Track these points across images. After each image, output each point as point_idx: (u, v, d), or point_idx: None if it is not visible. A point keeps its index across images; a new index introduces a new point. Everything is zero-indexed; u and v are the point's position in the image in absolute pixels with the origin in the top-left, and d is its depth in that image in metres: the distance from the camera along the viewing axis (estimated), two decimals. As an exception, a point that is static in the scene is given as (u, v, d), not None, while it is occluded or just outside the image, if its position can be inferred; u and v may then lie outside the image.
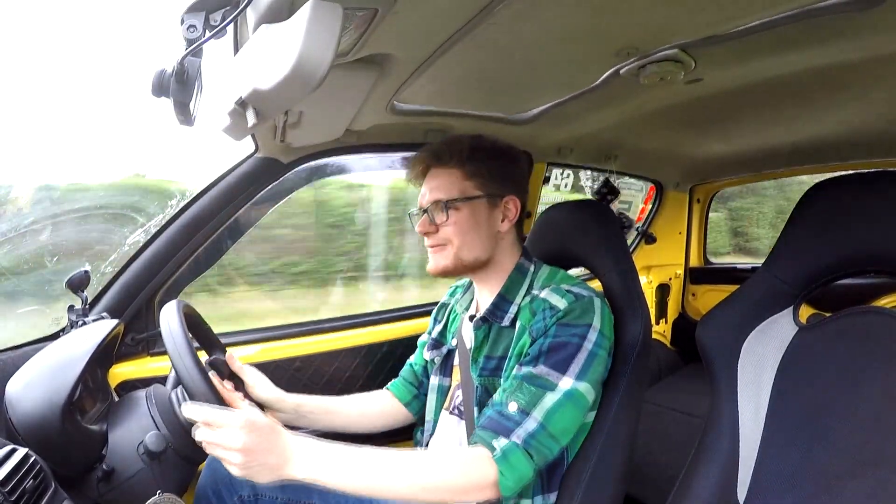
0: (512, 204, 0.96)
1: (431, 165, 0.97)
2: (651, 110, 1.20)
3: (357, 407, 1.12)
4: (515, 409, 0.78)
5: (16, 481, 0.63)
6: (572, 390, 0.79)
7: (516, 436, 0.76)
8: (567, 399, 0.78)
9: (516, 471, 0.75)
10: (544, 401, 0.78)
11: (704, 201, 2.48)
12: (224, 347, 1.07)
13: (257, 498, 0.97)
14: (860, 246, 0.76)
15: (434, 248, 0.96)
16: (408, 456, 0.76)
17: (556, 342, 0.82)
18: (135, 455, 0.80)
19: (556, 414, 0.78)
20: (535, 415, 0.77)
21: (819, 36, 0.80)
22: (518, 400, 0.79)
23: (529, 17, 0.71)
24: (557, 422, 0.78)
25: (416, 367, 1.15)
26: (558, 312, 0.84)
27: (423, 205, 0.96)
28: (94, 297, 1.12)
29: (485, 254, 0.94)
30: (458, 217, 0.92)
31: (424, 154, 0.98)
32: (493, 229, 0.95)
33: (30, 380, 0.79)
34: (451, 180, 0.94)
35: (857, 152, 1.72)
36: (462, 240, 0.93)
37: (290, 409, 1.02)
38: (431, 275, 0.96)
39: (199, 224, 1.15)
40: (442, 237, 0.94)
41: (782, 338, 0.80)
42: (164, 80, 0.61)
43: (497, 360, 0.91)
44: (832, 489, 0.69)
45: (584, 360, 0.81)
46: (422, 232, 0.95)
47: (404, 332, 1.45)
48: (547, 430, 0.77)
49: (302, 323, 1.40)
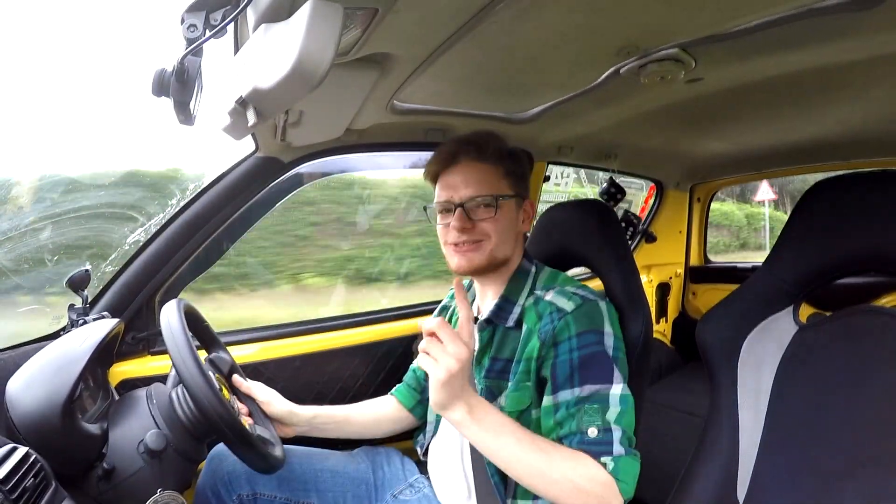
0: (529, 205, 0.97)
1: (465, 157, 0.91)
2: (651, 109, 1.20)
3: (371, 414, 1.13)
4: (597, 432, 0.77)
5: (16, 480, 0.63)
6: (622, 394, 0.79)
7: (616, 446, 0.76)
8: (622, 402, 0.79)
9: (629, 472, 0.75)
10: (609, 412, 0.78)
11: (705, 200, 2.48)
12: (224, 346, 1.08)
13: (256, 497, 0.97)
14: (860, 245, 0.76)
15: (467, 245, 0.91)
16: (545, 446, 0.76)
17: (584, 355, 0.81)
18: (135, 454, 0.80)
19: (624, 417, 0.78)
20: (614, 427, 0.77)
21: (819, 35, 0.80)
22: (593, 423, 0.78)
23: (530, 17, 0.71)
24: (628, 422, 0.78)
25: (419, 372, 1.16)
26: (566, 315, 0.83)
27: (456, 199, 0.90)
28: (95, 296, 1.12)
29: (510, 253, 0.94)
30: (501, 214, 0.90)
31: (458, 143, 0.93)
32: (517, 229, 0.95)
33: (30, 378, 0.79)
34: (491, 176, 0.91)
35: (857, 151, 1.72)
36: (500, 237, 0.90)
37: (304, 422, 1.03)
38: (459, 273, 0.92)
39: (200, 223, 1.15)
40: (479, 233, 0.90)
41: (782, 337, 0.81)
42: (164, 80, 0.61)
43: (504, 361, 0.91)
44: (832, 488, 0.69)
45: (615, 365, 0.81)
46: (458, 228, 0.89)
47: (404, 332, 1.45)
48: (626, 432, 0.78)
49: (302, 322, 1.40)
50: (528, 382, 0.86)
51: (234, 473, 0.97)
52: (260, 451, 0.84)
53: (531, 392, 0.86)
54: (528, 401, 0.86)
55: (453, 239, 0.91)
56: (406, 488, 1.01)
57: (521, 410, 0.86)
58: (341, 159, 1.32)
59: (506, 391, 0.88)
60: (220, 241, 1.24)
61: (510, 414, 0.87)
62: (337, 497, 1.01)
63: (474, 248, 0.91)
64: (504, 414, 0.78)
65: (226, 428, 0.81)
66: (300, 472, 1.01)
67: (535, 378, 0.85)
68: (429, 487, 0.99)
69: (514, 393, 0.87)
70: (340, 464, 1.06)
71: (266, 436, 0.95)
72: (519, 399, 0.87)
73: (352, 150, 1.29)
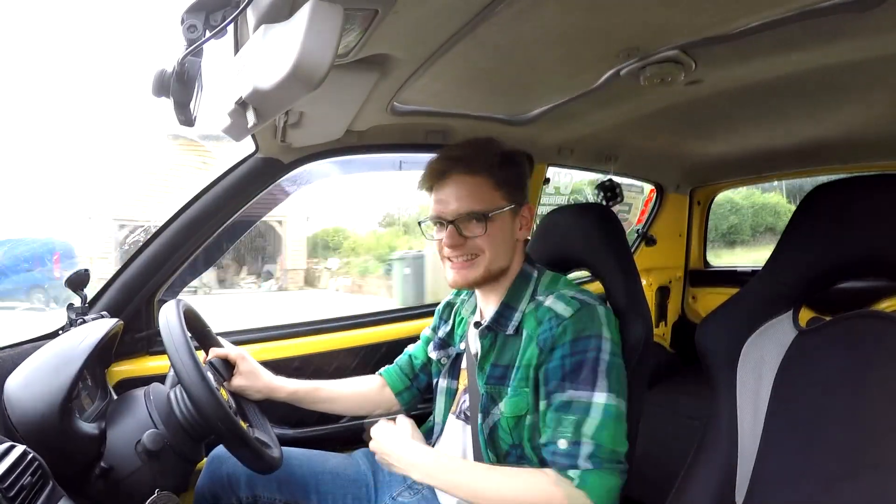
0: (527, 211, 0.95)
1: (455, 171, 0.89)
2: (651, 112, 1.20)
3: (350, 390, 1.13)
4: (566, 444, 0.79)
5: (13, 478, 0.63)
6: (606, 404, 0.79)
7: (582, 460, 0.77)
8: (603, 413, 0.79)
9: (601, 487, 0.77)
10: (586, 424, 0.78)
11: (705, 204, 2.47)
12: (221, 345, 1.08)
13: (256, 499, 0.97)
14: (860, 249, 0.75)
15: (461, 262, 0.90)
16: (497, 472, 0.84)
17: (575, 361, 0.81)
18: (133, 453, 0.80)
19: (603, 432, 0.78)
20: (584, 441, 0.78)
21: (819, 37, 0.80)
22: (564, 436, 0.79)
23: (530, 18, 0.71)
24: (607, 437, 0.78)
25: (416, 361, 1.15)
26: (564, 321, 0.83)
27: (447, 215, 0.89)
28: (94, 296, 1.12)
29: (507, 263, 0.93)
30: (493, 229, 0.88)
31: (447, 159, 0.91)
32: (514, 238, 0.94)
33: (28, 377, 0.79)
34: (482, 190, 0.88)
35: (858, 154, 1.72)
36: (494, 252, 0.89)
37: (270, 388, 1.06)
38: (456, 288, 0.94)
39: (200, 223, 1.15)
40: (471, 249, 0.89)
41: (782, 341, 0.80)
42: (164, 80, 0.61)
43: (503, 368, 0.91)
44: (831, 492, 0.69)
45: (605, 370, 0.81)
46: (450, 245, 0.89)
47: (404, 333, 1.44)
48: (603, 447, 0.78)
49: (302, 323, 1.40)
50: (527, 388, 0.86)
51: (234, 475, 0.97)
52: (257, 451, 0.84)
53: (529, 398, 0.86)
54: (526, 406, 0.86)
55: (447, 254, 0.91)
56: (405, 490, 1.01)
57: (519, 416, 0.87)
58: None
59: (506, 397, 0.88)
60: (220, 241, 1.24)
61: (508, 419, 0.87)
62: (337, 499, 1.01)
63: (469, 264, 0.90)
64: (460, 460, 0.92)
65: (223, 428, 0.81)
66: (300, 474, 1.01)
67: (532, 384, 0.85)
68: (428, 489, 0.99)
69: (512, 399, 0.87)
70: (340, 465, 1.06)
71: (264, 437, 0.95)
72: (516, 404, 0.86)
73: (352, 152, 1.29)
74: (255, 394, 1.04)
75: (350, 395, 1.12)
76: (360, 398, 1.13)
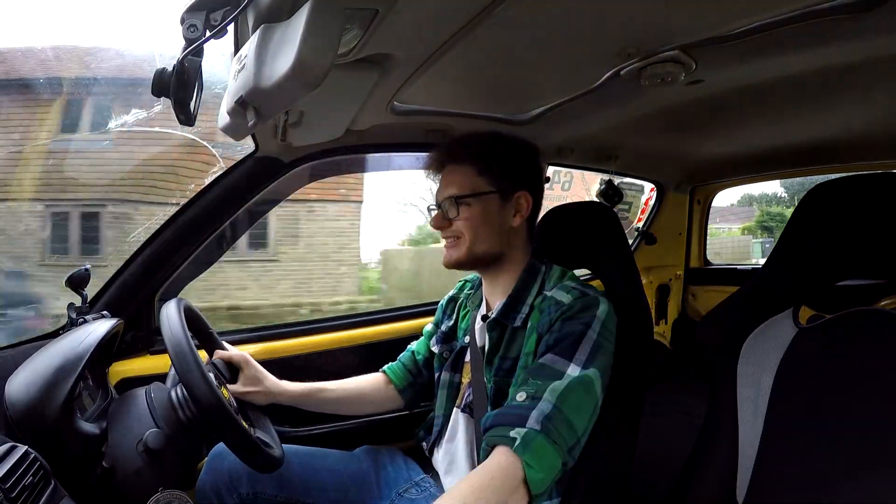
0: (524, 199, 0.97)
1: (446, 162, 0.99)
2: (652, 111, 1.20)
3: (353, 388, 1.13)
4: (524, 397, 0.76)
5: (15, 478, 0.63)
6: (581, 375, 0.77)
7: (532, 420, 0.72)
8: (577, 384, 0.76)
9: (543, 459, 0.70)
10: (553, 385, 0.76)
11: (705, 203, 2.47)
12: (224, 346, 1.08)
13: (256, 496, 0.97)
14: (860, 247, 0.76)
15: (449, 242, 0.98)
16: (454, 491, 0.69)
17: (561, 334, 0.82)
18: (134, 453, 0.80)
19: (569, 398, 0.75)
20: (546, 398, 0.74)
21: (820, 37, 0.80)
22: (526, 390, 0.77)
23: (530, 18, 0.71)
24: (570, 405, 0.74)
25: (419, 357, 1.15)
26: (562, 306, 0.85)
27: (438, 200, 0.99)
28: (95, 295, 1.12)
29: (496, 248, 0.96)
30: (470, 212, 0.94)
31: (439, 151, 1.01)
32: (506, 224, 0.96)
33: (30, 377, 0.79)
34: (463, 177, 0.95)
35: (859, 154, 1.72)
36: (474, 234, 0.94)
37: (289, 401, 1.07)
38: (447, 267, 0.98)
39: (200, 223, 1.15)
40: (454, 231, 0.96)
41: (782, 339, 0.80)
42: (164, 80, 0.61)
43: (511, 360, 0.92)
44: (831, 490, 0.69)
45: (590, 348, 0.80)
46: (435, 226, 0.98)
47: (405, 332, 1.44)
48: (562, 413, 0.73)
49: (302, 322, 1.40)
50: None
51: (235, 473, 0.97)
52: (259, 450, 0.85)
53: None
54: None
55: (441, 236, 1.00)
56: (412, 487, 1.01)
57: None
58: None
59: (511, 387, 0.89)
60: (220, 241, 1.25)
61: None
62: (339, 496, 1.01)
63: (453, 244, 0.97)
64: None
65: (225, 427, 0.81)
66: (301, 472, 1.01)
67: None
68: (435, 487, 0.99)
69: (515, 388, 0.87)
70: (341, 463, 1.06)
71: (265, 437, 0.95)
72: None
73: (352, 151, 1.29)
74: (261, 399, 1.04)
75: (355, 395, 1.13)
76: (365, 397, 1.13)
